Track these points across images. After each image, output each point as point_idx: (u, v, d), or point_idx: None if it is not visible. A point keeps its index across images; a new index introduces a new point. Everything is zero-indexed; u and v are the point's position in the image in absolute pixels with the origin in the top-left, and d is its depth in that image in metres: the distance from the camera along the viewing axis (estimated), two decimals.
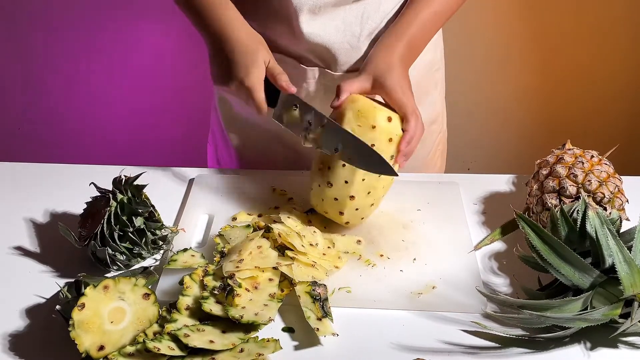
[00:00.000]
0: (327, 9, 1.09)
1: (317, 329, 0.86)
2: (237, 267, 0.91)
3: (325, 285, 0.92)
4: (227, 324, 0.85)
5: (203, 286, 0.90)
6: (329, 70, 1.15)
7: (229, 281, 0.88)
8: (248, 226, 1.01)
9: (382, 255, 0.99)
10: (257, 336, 0.84)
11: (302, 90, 1.17)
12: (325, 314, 0.88)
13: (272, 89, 1.02)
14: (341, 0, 1.09)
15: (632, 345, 0.85)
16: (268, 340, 0.83)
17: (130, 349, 0.82)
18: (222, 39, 1.04)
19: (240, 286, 0.88)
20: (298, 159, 1.27)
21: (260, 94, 1.01)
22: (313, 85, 1.17)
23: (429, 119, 1.23)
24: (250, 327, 0.85)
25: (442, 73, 1.31)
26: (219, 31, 1.05)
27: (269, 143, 1.27)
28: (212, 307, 0.86)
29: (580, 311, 0.83)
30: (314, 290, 0.90)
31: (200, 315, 0.87)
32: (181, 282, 0.91)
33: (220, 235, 1.00)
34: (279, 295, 0.90)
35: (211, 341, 0.81)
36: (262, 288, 0.90)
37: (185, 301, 0.88)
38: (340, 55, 1.13)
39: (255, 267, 0.91)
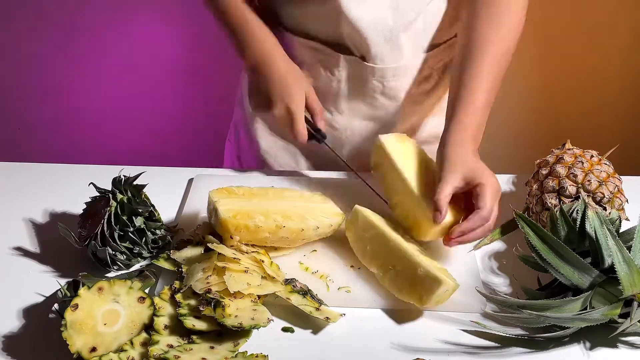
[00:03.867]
0: None
1: (327, 318, 0.87)
2: (208, 282, 0.89)
3: (294, 278, 0.93)
4: (213, 338, 0.84)
5: (176, 304, 0.88)
6: (363, 61, 1.16)
7: (209, 295, 0.87)
8: (197, 244, 0.98)
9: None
10: (246, 351, 0.83)
11: (333, 78, 1.18)
12: (319, 301, 0.89)
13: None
14: None
15: (632, 345, 0.85)
16: (257, 356, 0.82)
17: (113, 356, 0.81)
18: (265, 68, 1.09)
19: (222, 297, 0.87)
20: (323, 165, 1.27)
21: (302, 120, 1.07)
22: (344, 74, 1.18)
23: (435, 136, 1.18)
24: (239, 335, 0.84)
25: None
26: (262, 61, 1.10)
27: (294, 155, 1.29)
28: (194, 322, 0.85)
29: (579, 311, 0.83)
30: (294, 287, 0.91)
31: (181, 332, 0.85)
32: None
33: (168, 259, 0.97)
34: (259, 301, 0.90)
35: (203, 358, 0.80)
36: (241, 295, 0.89)
37: (162, 321, 0.86)
38: (373, 45, 1.13)
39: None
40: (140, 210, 0.97)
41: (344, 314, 0.89)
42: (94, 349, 0.81)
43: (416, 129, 1.27)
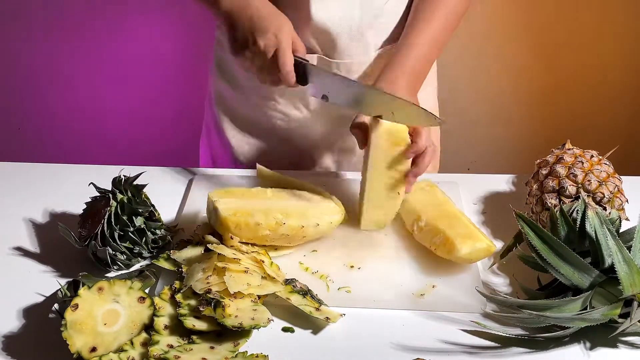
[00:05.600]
0: None
1: (327, 318, 0.87)
2: (208, 282, 0.89)
3: (294, 278, 0.93)
4: (213, 338, 0.84)
5: (176, 304, 0.88)
6: (327, 58, 1.17)
7: (209, 295, 0.87)
8: (197, 244, 0.98)
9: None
10: (246, 351, 0.83)
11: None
12: (320, 301, 0.89)
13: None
14: None
15: (632, 345, 0.85)
16: (257, 356, 0.82)
17: (113, 356, 0.81)
18: (242, 7, 1.01)
19: (222, 297, 0.87)
20: (300, 160, 1.27)
21: (289, 51, 0.98)
22: None
23: None
24: (239, 335, 0.84)
25: (434, 71, 1.31)
26: (237, 2, 1.02)
27: (269, 141, 1.28)
28: (194, 322, 0.85)
29: (579, 311, 0.83)
30: (294, 287, 0.91)
31: (181, 332, 0.85)
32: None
33: (168, 259, 0.97)
34: (259, 301, 0.90)
35: (203, 358, 0.80)
36: (241, 295, 0.89)
37: (162, 321, 0.86)
38: (340, 41, 1.15)
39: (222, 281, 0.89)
40: (140, 210, 0.97)
41: (344, 314, 0.89)
42: (94, 349, 0.81)
43: None
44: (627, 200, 1.00)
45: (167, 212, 1.09)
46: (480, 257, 0.95)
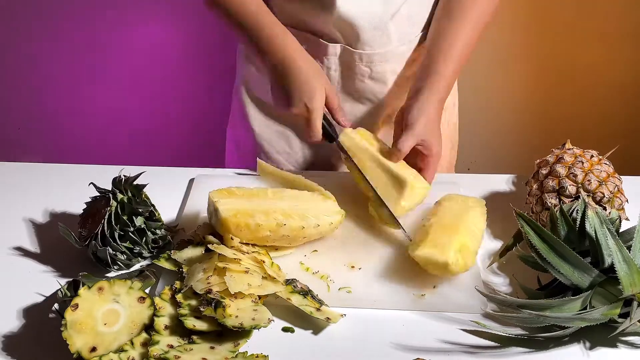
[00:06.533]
0: None
1: (328, 318, 0.87)
2: (209, 282, 0.89)
3: (294, 278, 0.93)
4: (213, 338, 0.84)
5: (177, 304, 0.88)
6: (350, 48, 1.19)
7: (210, 296, 0.87)
8: (198, 244, 0.98)
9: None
10: (246, 351, 0.83)
11: (323, 67, 1.21)
12: (320, 302, 0.89)
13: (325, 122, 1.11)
14: None
15: (632, 345, 0.85)
16: (257, 356, 0.82)
17: (113, 356, 0.81)
18: (286, 65, 1.09)
19: (222, 298, 0.87)
20: (316, 160, 1.28)
21: (319, 120, 1.08)
22: (334, 62, 1.21)
23: None
24: (240, 335, 0.84)
25: None
26: (282, 58, 1.10)
27: (288, 139, 1.30)
28: (194, 323, 0.85)
29: (579, 311, 0.83)
30: (295, 287, 0.91)
31: (181, 332, 0.85)
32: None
33: (169, 259, 0.97)
34: (260, 301, 0.90)
35: (203, 358, 0.80)
36: (242, 295, 0.89)
37: (162, 321, 0.86)
38: (363, 32, 1.17)
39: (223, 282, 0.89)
40: (140, 210, 0.97)
41: (344, 315, 0.89)
42: (94, 349, 0.81)
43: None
44: (627, 200, 1.00)
45: (167, 212, 1.09)
46: (436, 269, 0.92)
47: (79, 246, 0.98)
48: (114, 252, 0.96)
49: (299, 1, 1.17)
